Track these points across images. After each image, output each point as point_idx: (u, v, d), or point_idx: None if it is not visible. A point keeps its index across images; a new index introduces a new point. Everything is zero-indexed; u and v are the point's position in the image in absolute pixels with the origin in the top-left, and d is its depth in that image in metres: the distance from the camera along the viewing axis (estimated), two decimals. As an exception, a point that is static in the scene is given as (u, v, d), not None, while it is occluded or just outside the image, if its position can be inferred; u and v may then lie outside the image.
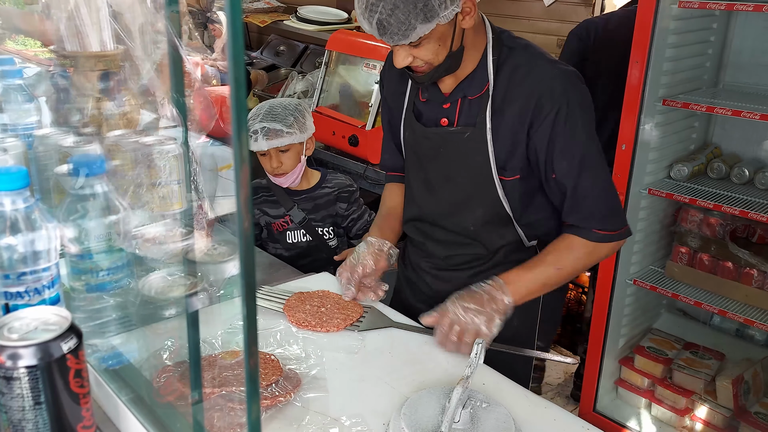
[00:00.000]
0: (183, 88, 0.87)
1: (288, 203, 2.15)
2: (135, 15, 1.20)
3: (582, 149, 1.38)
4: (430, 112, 1.50)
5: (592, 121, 1.41)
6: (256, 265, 0.56)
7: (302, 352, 1.32)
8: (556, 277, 1.46)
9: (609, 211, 1.43)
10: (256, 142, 2.03)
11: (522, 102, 1.37)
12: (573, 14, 2.96)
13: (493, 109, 1.40)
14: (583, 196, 1.40)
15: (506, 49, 1.42)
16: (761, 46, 2.39)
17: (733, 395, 2.34)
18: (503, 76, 1.40)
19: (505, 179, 1.44)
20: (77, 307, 1.04)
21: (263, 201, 2.19)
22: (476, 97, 1.42)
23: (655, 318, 2.80)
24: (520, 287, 1.41)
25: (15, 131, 1.36)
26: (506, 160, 1.42)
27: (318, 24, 3.82)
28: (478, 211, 1.49)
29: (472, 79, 1.43)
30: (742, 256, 2.30)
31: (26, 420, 0.79)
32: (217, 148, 2.66)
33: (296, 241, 2.19)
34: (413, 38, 1.28)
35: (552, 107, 1.35)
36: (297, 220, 2.15)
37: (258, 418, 0.60)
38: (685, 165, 2.38)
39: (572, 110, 1.35)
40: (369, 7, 1.26)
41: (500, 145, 1.41)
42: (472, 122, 1.43)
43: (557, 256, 1.44)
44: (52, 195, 1.23)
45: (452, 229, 1.54)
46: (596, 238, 1.42)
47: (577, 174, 1.39)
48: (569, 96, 1.35)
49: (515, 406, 1.19)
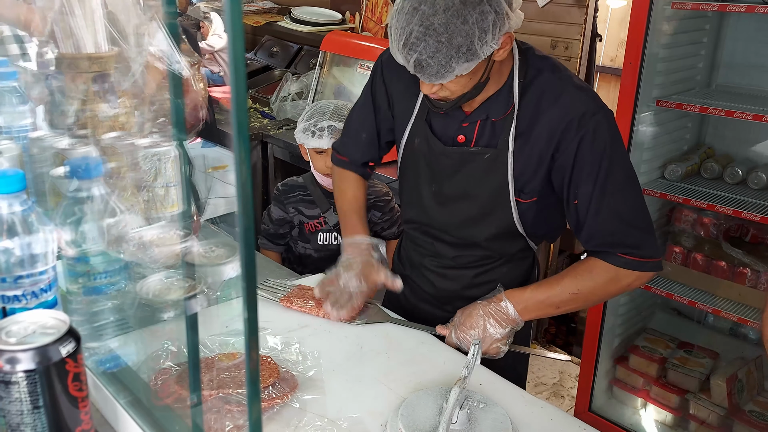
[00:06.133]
0: (180, 90, 0.87)
1: (324, 205, 2.15)
2: (129, 16, 1.20)
3: (606, 174, 1.31)
4: (447, 126, 1.45)
5: (621, 145, 1.36)
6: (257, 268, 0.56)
7: (299, 354, 1.32)
8: (572, 302, 1.40)
9: (636, 235, 1.34)
10: (321, 139, 2.04)
11: (549, 128, 1.33)
12: (567, 15, 2.97)
13: (517, 132, 1.36)
14: (606, 222, 1.34)
15: (533, 70, 1.37)
16: (753, 47, 2.41)
17: (727, 394, 2.36)
18: (529, 98, 1.36)
19: (522, 201, 1.41)
20: (74, 310, 1.04)
21: (300, 200, 2.17)
22: (500, 119, 1.38)
23: (650, 317, 2.82)
24: (529, 308, 1.39)
25: (9, 133, 1.35)
26: (525, 183, 1.39)
27: (312, 25, 3.82)
28: (491, 228, 1.47)
29: (497, 100, 1.38)
30: (736, 255, 2.31)
31: (25, 424, 0.78)
32: (208, 149, 2.64)
33: (327, 243, 2.18)
34: (450, 78, 1.24)
35: (578, 133, 1.31)
36: (332, 223, 2.15)
37: (259, 419, 0.60)
38: (679, 165, 2.39)
39: (598, 136, 1.31)
40: (409, 46, 1.21)
41: (521, 168, 1.38)
42: (494, 144, 1.39)
43: (574, 280, 1.38)
44: (47, 197, 1.22)
45: (460, 237, 1.52)
46: (620, 263, 1.34)
47: (600, 199, 1.32)
48: (597, 122, 1.31)
49: (512, 406, 1.20)
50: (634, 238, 1.34)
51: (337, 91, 3.12)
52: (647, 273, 1.36)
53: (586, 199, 1.33)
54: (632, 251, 1.34)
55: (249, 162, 0.56)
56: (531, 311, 1.39)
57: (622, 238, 1.34)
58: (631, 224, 1.34)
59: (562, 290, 1.38)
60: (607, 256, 1.35)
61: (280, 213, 2.16)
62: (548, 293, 1.39)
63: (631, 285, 1.39)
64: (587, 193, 1.33)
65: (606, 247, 1.36)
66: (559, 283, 1.39)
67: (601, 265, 1.36)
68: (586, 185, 1.33)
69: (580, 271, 1.39)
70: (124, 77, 1.22)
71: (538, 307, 1.39)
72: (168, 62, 0.87)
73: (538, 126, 1.34)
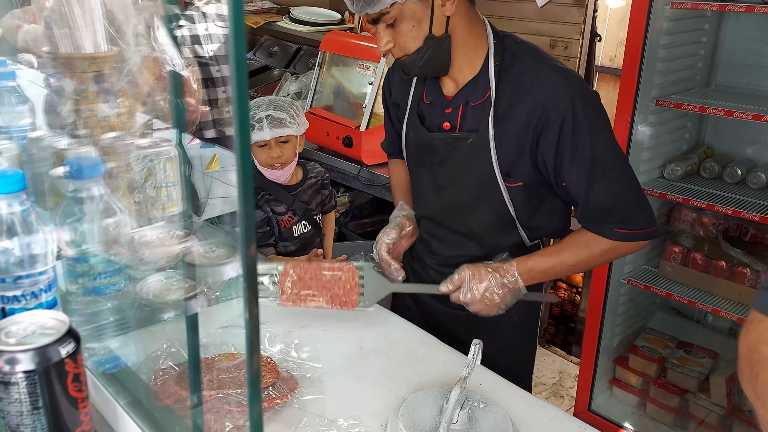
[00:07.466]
0: (181, 90, 0.86)
1: (288, 199, 2.22)
2: (128, 16, 1.20)
3: (592, 156, 1.34)
4: (433, 115, 1.50)
5: (605, 124, 1.37)
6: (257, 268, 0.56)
7: (299, 354, 1.32)
8: (570, 271, 1.49)
9: (630, 210, 1.38)
10: (260, 131, 2.07)
11: (528, 110, 1.35)
12: (566, 15, 2.97)
13: (496, 116, 1.39)
14: (598, 203, 1.37)
15: (509, 54, 1.40)
16: (753, 46, 2.41)
17: (726, 393, 2.36)
18: (507, 82, 1.38)
19: (510, 185, 1.44)
20: (74, 311, 1.04)
21: (266, 200, 2.21)
22: (478, 104, 1.42)
23: (649, 317, 2.82)
24: (532, 278, 1.43)
25: (8, 133, 1.35)
26: (510, 167, 1.41)
27: (311, 25, 3.81)
28: (483, 213, 1.49)
29: (474, 85, 1.42)
30: (735, 255, 2.31)
31: (24, 425, 0.78)
32: (205, 149, 2.65)
33: (300, 234, 2.27)
34: (381, 6, 1.29)
35: (557, 117, 1.32)
36: (300, 213, 2.23)
37: (260, 420, 0.60)
38: (678, 165, 2.39)
39: (578, 118, 1.32)
40: None
41: (504, 152, 1.40)
42: (475, 128, 1.42)
43: (572, 254, 1.43)
44: (46, 197, 1.22)
45: (456, 229, 1.55)
46: (617, 237, 1.38)
47: (587, 182, 1.35)
48: (575, 104, 1.32)
49: (512, 406, 1.20)
50: (627, 214, 1.38)
51: (336, 91, 3.11)
52: (642, 242, 1.42)
53: (575, 181, 1.36)
54: (626, 225, 1.38)
55: (250, 162, 0.55)
56: (533, 280, 1.44)
57: (616, 214, 1.38)
58: (623, 201, 1.37)
59: (562, 262, 1.43)
60: (602, 231, 1.39)
61: (260, 214, 2.19)
62: (550, 264, 1.43)
63: (627, 253, 1.46)
64: (575, 175, 1.36)
65: (600, 223, 1.39)
66: (559, 255, 1.44)
67: (597, 239, 1.40)
68: (573, 168, 1.35)
69: (577, 243, 1.43)
70: (124, 77, 1.22)
71: (539, 276, 1.44)
72: (167, 62, 0.87)
73: (517, 109, 1.37)
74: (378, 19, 1.33)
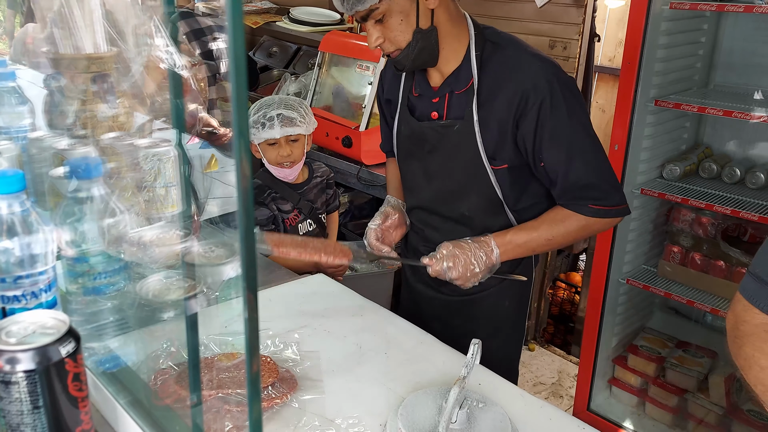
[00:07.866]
0: (180, 90, 0.87)
1: (294, 197, 2.23)
2: (128, 16, 1.20)
3: (569, 137, 1.42)
4: (422, 106, 1.57)
5: (581, 107, 1.45)
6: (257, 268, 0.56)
7: (298, 354, 1.32)
8: (546, 246, 1.53)
9: (604, 188, 1.46)
10: (271, 129, 2.08)
11: (508, 95, 1.42)
12: (565, 15, 2.97)
13: (479, 102, 1.46)
14: (574, 181, 1.44)
15: (490, 44, 1.47)
16: (751, 46, 2.41)
17: (725, 393, 2.36)
18: (488, 70, 1.45)
19: (496, 168, 1.50)
20: (74, 311, 1.04)
21: (272, 198, 2.22)
22: (462, 92, 1.48)
23: (648, 317, 2.82)
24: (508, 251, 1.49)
25: (8, 134, 1.35)
26: (495, 150, 1.48)
27: (310, 25, 3.81)
28: (473, 197, 1.55)
29: (457, 75, 1.49)
30: (734, 254, 2.32)
31: (24, 424, 0.78)
32: (205, 150, 2.65)
33: (305, 232, 2.27)
34: (371, 2, 1.34)
35: (536, 99, 1.39)
36: (306, 212, 2.24)
37: (259, 419, 0.61)
38: (677, 165, 2.40)
39: (556, 100, 1.39)
40: None
41: (488, 136, 1.46)
42: (461, 115, 1.49)
43: (549, 228, 1.50)
44: (46, 198, 1.22)
45: (448, 215, 1.61)
46: (591, 213, 1.46)
47: (566, 162, 1.43)
48: (553, 87, 1.39)
49: (511, 405, 1.20)
50: (602, 191, 1.46)
51: (336, 91, 3.12)
52: (615, 218, 1.51)
53: (553, 161, 1.44)
54: (601, 202, 1.46)
55: (250, 162, 0.56)
56: (509, 254, 1.50)
57: (592, 192, 1.45)
58: (599, 179, 1.45)
59: (539, 236, 1.50)
60: (578, 208, 1.47)
61: (265, 212, 2.19)
62: (526, 238, 1.50)
63: (600, 230, 1.55)
64: (554, 155, 1.43)
65: (576, 200, 1.47)
66: (537, 229, 1.50)
67: (572, 215, 1.48)
68: (552, 148, 1.43)
69: (554, 219, 1.50)
70: (123, 77, 1.22)
71: (515, 251, 1.50)
72: (167, 62, 0.87)
73: (498, 95, 1.44)
74: (367, 16, 1.39)
